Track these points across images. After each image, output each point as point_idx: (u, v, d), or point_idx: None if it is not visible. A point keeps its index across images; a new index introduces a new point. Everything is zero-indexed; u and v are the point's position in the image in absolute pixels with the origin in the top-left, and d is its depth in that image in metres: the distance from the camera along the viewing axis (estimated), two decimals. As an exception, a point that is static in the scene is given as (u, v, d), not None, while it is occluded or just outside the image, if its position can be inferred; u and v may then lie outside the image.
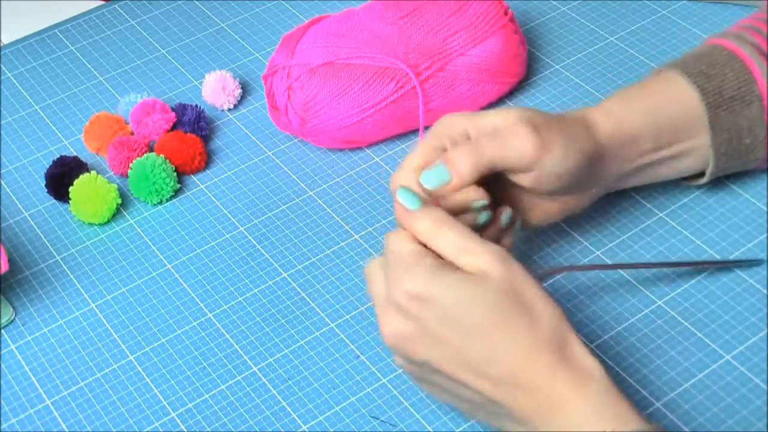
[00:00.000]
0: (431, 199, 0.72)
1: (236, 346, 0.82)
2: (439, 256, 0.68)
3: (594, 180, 0.79)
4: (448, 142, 0.75)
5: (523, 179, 0.75)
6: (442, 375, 0.68)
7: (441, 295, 0.66)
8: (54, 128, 1.01)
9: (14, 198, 0.95)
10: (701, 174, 0.84)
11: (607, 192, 0.83)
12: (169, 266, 0.88)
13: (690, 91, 0.81)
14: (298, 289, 0.85)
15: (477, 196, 0.74)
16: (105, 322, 0.84)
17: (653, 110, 0.80)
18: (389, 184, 0.75)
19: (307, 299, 0.84)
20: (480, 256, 0.67)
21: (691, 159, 0.82)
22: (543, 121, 0.75)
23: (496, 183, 0.77)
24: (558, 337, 0.65)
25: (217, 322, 0.83)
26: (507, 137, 0.74)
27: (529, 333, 0.65)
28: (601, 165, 0.78)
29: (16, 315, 0.85)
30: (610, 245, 0.85)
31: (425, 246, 0.68)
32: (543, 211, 0.80)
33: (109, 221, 0.91)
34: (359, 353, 0.80)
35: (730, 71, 0.81)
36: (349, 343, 0.81)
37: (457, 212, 0.73)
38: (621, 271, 0.83)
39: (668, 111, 0.81)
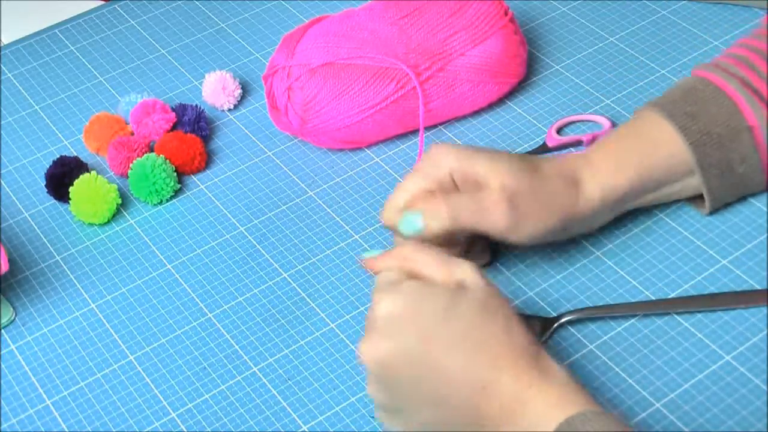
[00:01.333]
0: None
1: (236, 346, 0.81)
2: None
3: (573, 230, 0.82)
4: (435, 185, 0.78)
5: (498, 238, 0.79)
6: (417, 397, 0.68)
7: (420, 312, 0.68)
8: (54, 128, 1.01)
9: (14, 198, 0.95)
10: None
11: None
12: (169, 266, 0.88)
13: (676, 136, 0.81)
14: (298, 290, 0.85)
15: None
16: (105, 322, 0.84)
17: (641, 167, 0.81)
18: (379, 217, 0.80)
19: (307, 299, 0.84)
20: (458, 268, 0.70)
21: (682, 193, 0.84)
22: (524, 191, 0.77)
23: None
24: (533, 347, 0.68)
25: (217, 322, 0.83)
26: (484, 211, 0.77)
27: (505, 340, 0.67)
28: (580, 221, 0.81)
29: (16, 315, 0.85)
30: (610, 245, 0.85)
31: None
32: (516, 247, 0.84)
33: (109, 221, 0.91)
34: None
35: (715, 108, 0.81)
36: (349, 344, 0.81)
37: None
38: (621, 272, 0.83)
39: (656, 164, 0.81)
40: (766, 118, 0.81)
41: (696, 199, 0.86)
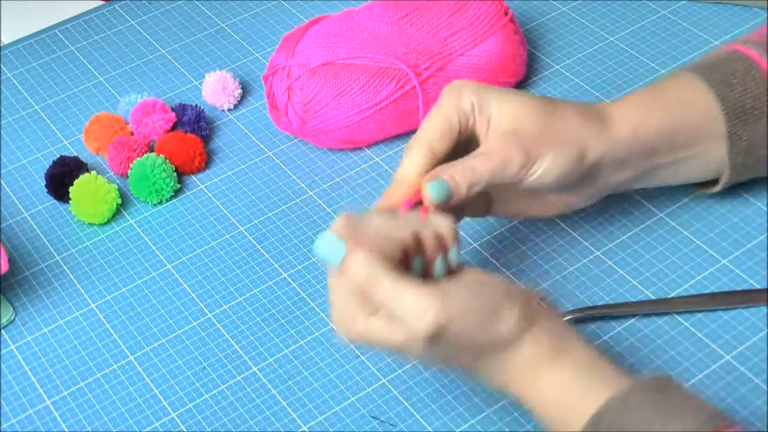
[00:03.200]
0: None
1: (236, 346, 0.81)
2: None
3: (598, 180, 0.79)
4: (456, 118, 0.75)
5: (516, 185, 0.76)
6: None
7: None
8: (54, 128, 1.01)
9: (14, 198, 0.95)
10: (711, 182, 0.84)
11: (615, 192, 0.83)
12: (169, 266, 0.88)
13: (710, 99, 0.79)
14: (298, 289, 0.85)
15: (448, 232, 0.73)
16: (105, 322, 0.84)
17: (671, 118, 0.79)
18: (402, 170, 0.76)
19: (307, 299, 0.84)
20: (410, 312, 0.66)
21: (700, 165, 0.81)
22: (536, 129, 0.75)
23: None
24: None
25: (217, 322, 0.83)
26: (496, 158, 0.74)
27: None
28: (606, 156, 0.78)
29: (16, 315, 0.85)
30: (610, 245, 0.85)
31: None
32: (542, 205, 0.81)
33: (109, 221, 0.91)
34: (359, 353, 0.80)
35: (751, 81, 0.79)
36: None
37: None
38: (621, 272, 0.83)
39: (687, 119, 0.79)
40: None
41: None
